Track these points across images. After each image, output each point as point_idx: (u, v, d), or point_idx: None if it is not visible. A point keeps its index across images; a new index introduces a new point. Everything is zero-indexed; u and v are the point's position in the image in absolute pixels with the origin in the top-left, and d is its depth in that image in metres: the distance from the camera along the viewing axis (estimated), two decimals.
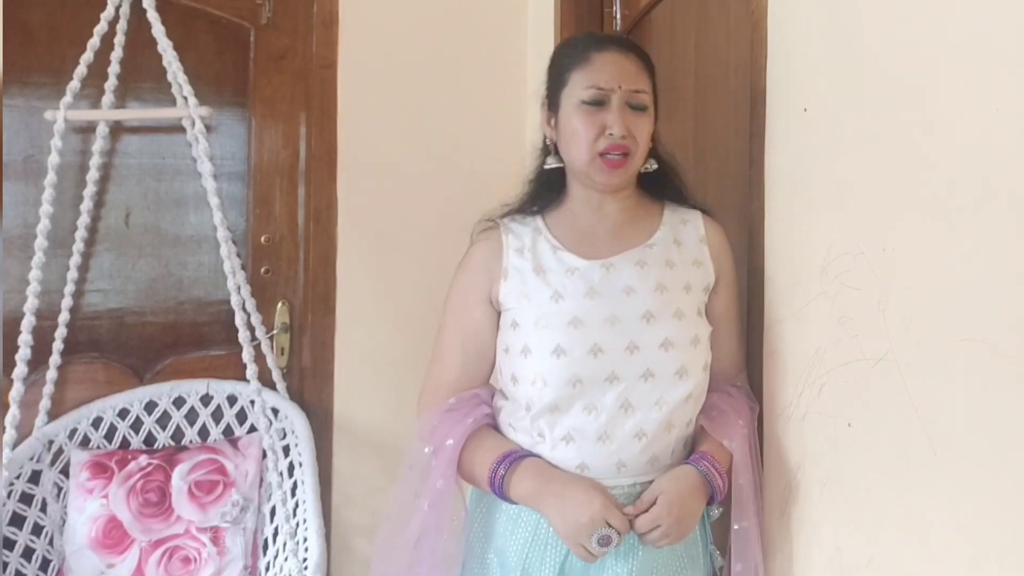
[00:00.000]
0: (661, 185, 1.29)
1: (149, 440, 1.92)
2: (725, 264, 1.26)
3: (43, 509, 1.79)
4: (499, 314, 1.26)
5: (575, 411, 1.15)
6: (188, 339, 2.03)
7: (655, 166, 1.26)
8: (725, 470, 1.16)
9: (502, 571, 1.20)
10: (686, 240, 1.25)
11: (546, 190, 1.30)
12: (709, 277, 1.24)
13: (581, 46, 1.23)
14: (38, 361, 1.85)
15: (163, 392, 1.93)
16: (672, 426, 1.16)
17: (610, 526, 1.07)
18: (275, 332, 2.05)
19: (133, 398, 1.92)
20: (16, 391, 1.80)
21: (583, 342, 1.14)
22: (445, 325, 1.29)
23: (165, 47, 1.85)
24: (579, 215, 1.26)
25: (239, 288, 1.88)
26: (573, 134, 1.19)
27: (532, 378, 1.16)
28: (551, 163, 1.26)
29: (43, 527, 1.78)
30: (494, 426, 1.25)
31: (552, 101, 1.24)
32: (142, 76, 1.96)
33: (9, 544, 1.71)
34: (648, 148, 1.22)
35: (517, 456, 1.16)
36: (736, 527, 1.16)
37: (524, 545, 1.18)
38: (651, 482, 1.16)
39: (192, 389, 1.95)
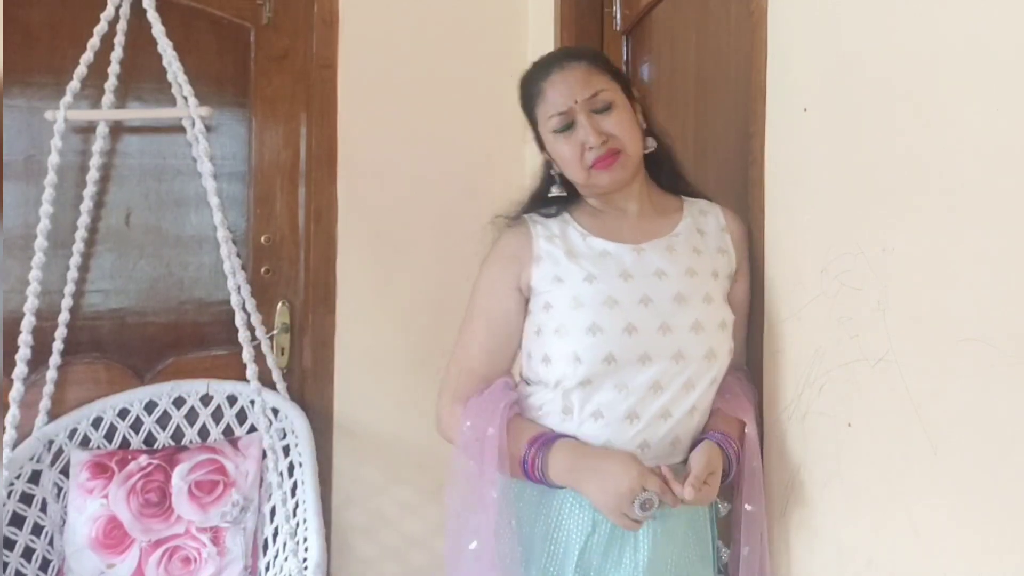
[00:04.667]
0: (665, 171, 1.31)
1: (149, 440, 1.93)
2: (743, 253, 1.29)
3: (43, 509, 1.79)
4: (527, 301, 1.27)
5: (606, 388, 1.16)
6: (188, 339, 2.03)
7: (655, 145, 1.27)
8: (736, 452, 1.17)
9: (527, 561, 1.21)
10: (708, 229, 1.28)
11: (551, 200, 1.32)
12: (732, 264, 1.27)
13: (532, 80, 1.27)
14: (38, 361, 1.85)
15: (163, 392, 1.94)
16: (696, 410, 1.18)
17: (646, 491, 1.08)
18: (275, 332, 2.05)
19: (133, 398, 1.92)
20: (16, 391, 1.80)
21: (618, 321, 1.16)
22: (473, 313, 1.29)
23: (165, 47, 1.85)
24: (602, 210, 1.29)
25: (239, 288, 1.88)
26: (562, 161, 1.24)
27: (567, 356, 1.17)
28: (556, 192, 1.30)
29: (43, 527, 1.78)
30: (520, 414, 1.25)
31: (536, 135, 1.29)
32: (142, 76, 1.96)
33: (9, 544, 1.71)
34: (640, 135, 1.24)
35: (551, 437, 1.17)
36: (748, 508, 1.17)
37: (547, 533, 1.19)
38: (672, 466, 1.16)
39: (192, 389, 1.95)
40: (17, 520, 1.74)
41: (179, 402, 1.95)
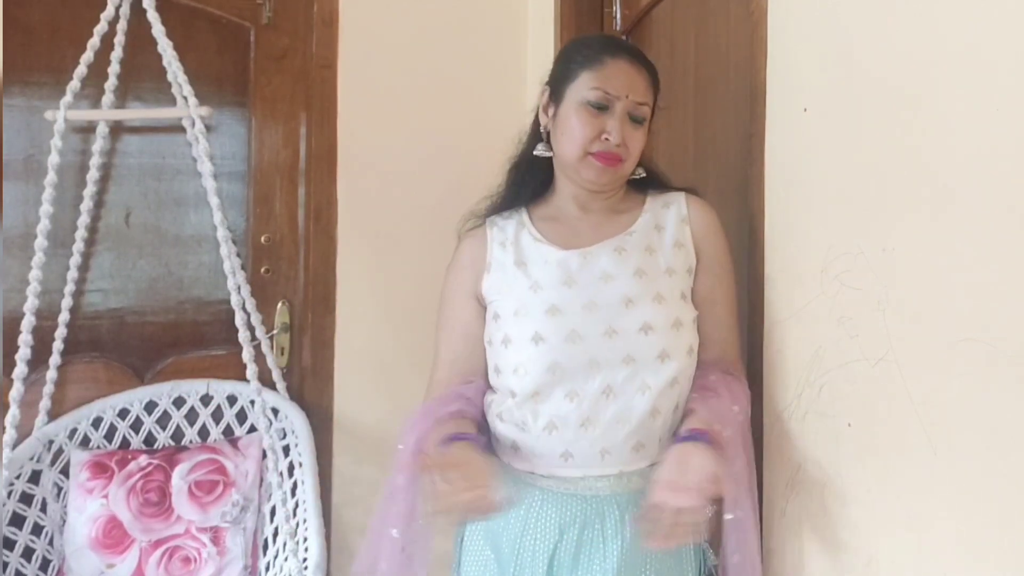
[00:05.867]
0: (646, 184, 1.31)
1: (149, 440, 1.92)
2: (708, 245, 1.24)
3: (43, 509, 1.79)
4: (485, 309, 1.27)
5: (556, 398, 1.15)
6: (188, 339, 2.03)
7: (643, 174, 1.28)
8: (720, 443, 1.09)
9: (498, 565, 1.20)
10: (667, 223, 1.25)
11: (530, 177, 1.31)
12: (691, 259, 1.24)
13: (596, 47, 1.24)
14: (38, 361, 1.85)
15: (163, 392, 1.94)
16: (658, 412, 1.15)
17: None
18: (275, 332, 2.05)
19: (133, 398, 1.92)
20: (16, 391, 1.80)
21: (560, 329, 1.15)
22: (439, 324, 1.32)
23: (165, 47, 1.85)
24: (565, 209, 1.28)
25: (239, 288, 1.88)
26: (569, 131, 1.20)
27: (513, 367, 1.18)
28: (541, 150, 1.28)
29: (43, 527, 1.78)
30: (473, 419, 1.22)
31: (555, 92, 1.25)
32: (142, 76, 1.96)
33: (9, 544, 1.71)
34: (638, 159, 1.24)
35: (455, 438, 1.12)
36: (729, 517, 1.11)
37: (517, 535, 1.18)
38: (638, 471, 1.15)
39: (192, 389, 1.95)
40: (17, 520, 1.74)
41: (179, 402, 1.94)
